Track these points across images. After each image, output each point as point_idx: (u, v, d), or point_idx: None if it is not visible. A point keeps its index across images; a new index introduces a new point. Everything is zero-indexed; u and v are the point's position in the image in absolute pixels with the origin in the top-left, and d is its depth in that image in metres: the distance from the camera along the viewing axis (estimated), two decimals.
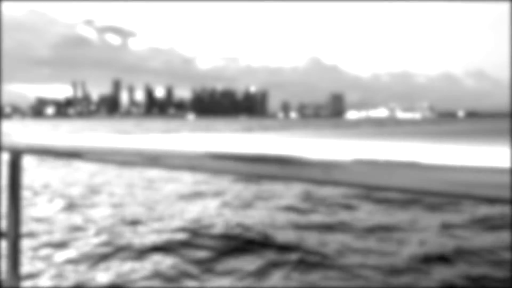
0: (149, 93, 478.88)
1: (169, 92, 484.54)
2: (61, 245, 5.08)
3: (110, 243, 5.06)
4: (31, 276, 4.21)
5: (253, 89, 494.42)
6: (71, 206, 7.38)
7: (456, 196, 0.26)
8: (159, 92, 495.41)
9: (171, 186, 9.69)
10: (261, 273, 4.10)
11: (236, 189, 9.09)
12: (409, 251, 4.62)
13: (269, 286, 3.91)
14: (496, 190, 0.24)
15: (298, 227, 5.74)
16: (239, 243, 5.02)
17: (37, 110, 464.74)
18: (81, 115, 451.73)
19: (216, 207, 7.22)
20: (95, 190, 9.16)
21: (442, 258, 4.37)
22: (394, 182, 0.29)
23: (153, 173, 10.64)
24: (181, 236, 5.35)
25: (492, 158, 0.24)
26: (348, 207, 6.84)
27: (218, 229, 5.63)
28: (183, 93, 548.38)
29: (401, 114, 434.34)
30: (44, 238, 5.30)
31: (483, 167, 0.24)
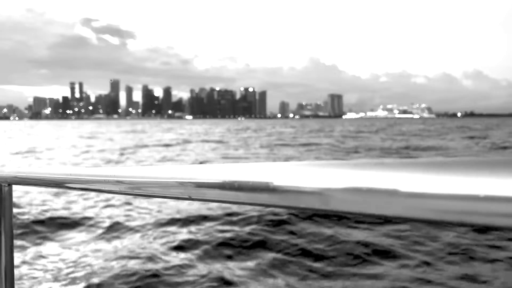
0: (147, 94, 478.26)
1: (167, 92, 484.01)
2: None
3: None
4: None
5: (251, 89, 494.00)
6: None
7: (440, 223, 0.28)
8: (157, 93, 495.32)
9: None
10: None
11: None
12: None
13: None
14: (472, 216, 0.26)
15: None
16: None
17: (35, 110, 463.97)
18: (79, 115, 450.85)
19: None
20: None
21: None
22: (375, 209, 0.31)
23: None
24: None
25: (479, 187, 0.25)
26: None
27: None
28: (181, 93, 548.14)
29: (399, 116, 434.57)
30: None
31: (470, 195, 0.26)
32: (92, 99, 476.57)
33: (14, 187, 1.06)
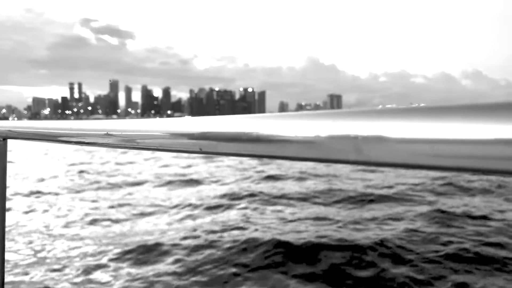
0: (147, 94, 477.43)
1: (167, 92, 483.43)
2: None
3: None
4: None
5: (250, 89, 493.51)
6: None
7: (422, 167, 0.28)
8: (157, 93, 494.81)
9: None
10: None
11: None
12: None
13: None
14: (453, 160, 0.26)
15: None
16: None
17: (34, 111, 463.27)
18: (78, 116, 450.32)
19: None
20: None
21: None
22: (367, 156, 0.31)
23: None
24: None
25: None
26: None
27: None
28: (181, 94, 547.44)
29: None
30: None
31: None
32: (91, 100, 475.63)
33: (9, 141, 1.02)
